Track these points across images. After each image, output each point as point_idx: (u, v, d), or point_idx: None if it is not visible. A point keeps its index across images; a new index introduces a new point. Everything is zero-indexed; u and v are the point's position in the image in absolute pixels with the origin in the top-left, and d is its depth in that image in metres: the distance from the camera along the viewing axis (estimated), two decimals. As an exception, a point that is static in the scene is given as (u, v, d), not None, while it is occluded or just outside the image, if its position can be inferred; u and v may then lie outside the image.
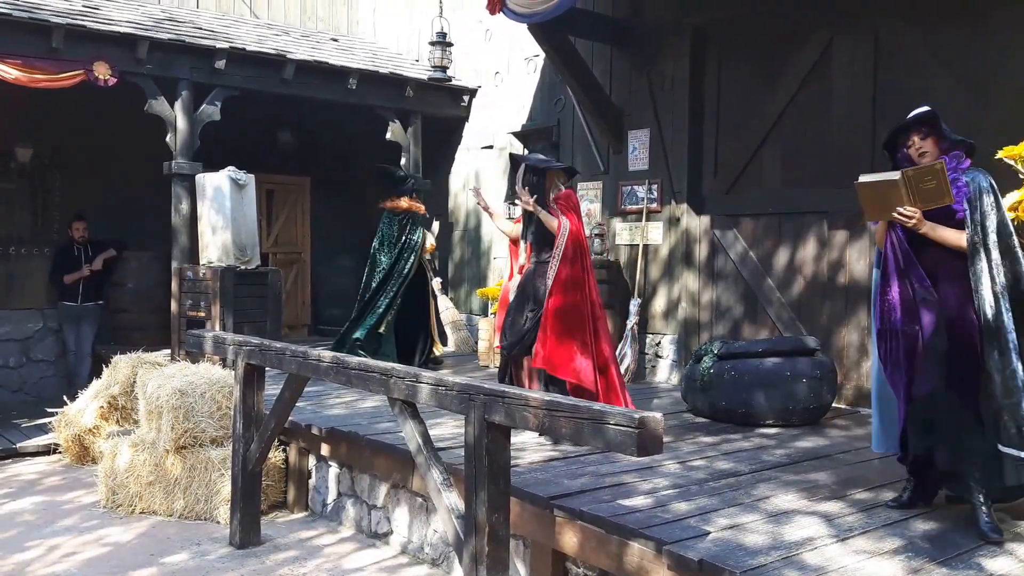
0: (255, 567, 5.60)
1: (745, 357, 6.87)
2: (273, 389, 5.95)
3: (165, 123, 9.32)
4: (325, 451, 6.58)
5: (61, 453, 8.10)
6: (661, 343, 9.06)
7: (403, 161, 11.11)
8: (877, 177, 4.35)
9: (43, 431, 8.53)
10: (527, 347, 6.24)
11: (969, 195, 4.31)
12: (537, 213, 6.21)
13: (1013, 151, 5.16)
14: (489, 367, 9.58)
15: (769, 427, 6.68)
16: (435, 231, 11.52)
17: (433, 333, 9.53)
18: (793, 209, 8.03)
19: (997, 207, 4.29)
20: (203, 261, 9.00)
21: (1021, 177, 5.16)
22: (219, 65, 9.45)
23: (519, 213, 6.72)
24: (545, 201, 6.32)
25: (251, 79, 9.83)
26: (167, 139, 9.34)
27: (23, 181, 10.65)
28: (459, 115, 11.65)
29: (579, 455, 5.62)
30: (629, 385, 7.26)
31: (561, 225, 6.19)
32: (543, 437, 5.91)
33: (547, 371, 6.07)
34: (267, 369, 5.90)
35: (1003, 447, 4.18)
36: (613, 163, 9.52)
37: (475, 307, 11.48)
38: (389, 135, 11.01)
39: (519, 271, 6.58)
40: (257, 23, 11.97)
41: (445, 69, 10.92)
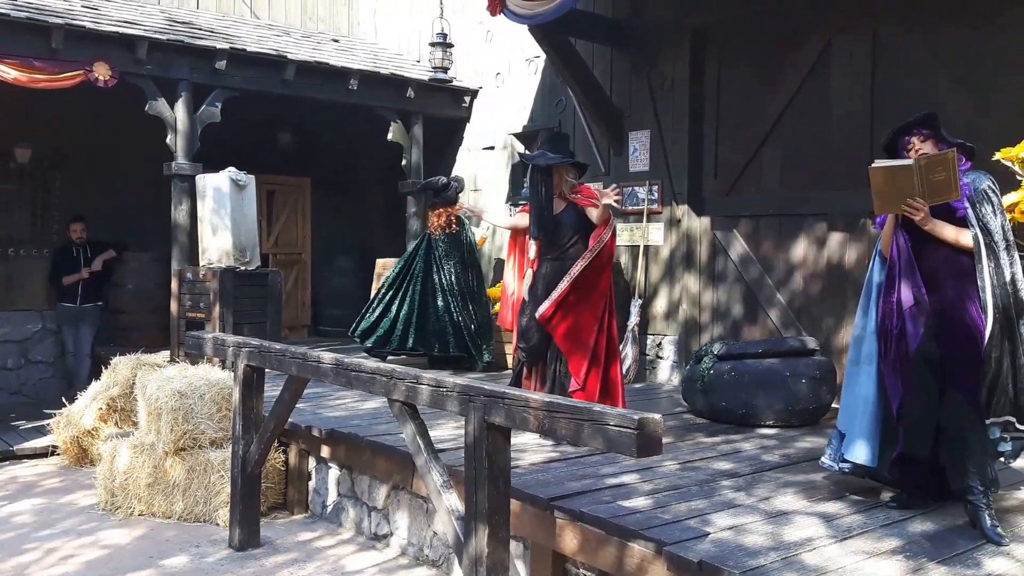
0: (254, 569, 5.59)
1: (745, 358, 6.88)
2: (273, 391, 5.94)
3: (165, 124, 9.31)
4: (325, 453, 6.57)
5: (60, 455, 8.09)
6: (662, 344, 9.05)
7: (404, 162, 11.10)
8: (890, 163, 4.38)
9: (42, 433, 8.50)
10: (545, 349, 6.25)
11: (970, 195, 4.32)
12: (597, 211, 6.13)
13: (1011, 153, 5.17)
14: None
15: (769, 428, 6.68)
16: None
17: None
18: (793, 210, 8.03)
19: (1000, 207, 4.30)
20: (203, 262, 8.98)
21: (1019, 178, 5.16)
22: (219, 66, 9.44)
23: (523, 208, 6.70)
24: (553, 196, 6.27)
25: (251, 80, 9.83)
26: (167, 140, 9.33)
27: (22, 182, 10.64)
28: (460, 116, 11.64)
29: (579, 456, 5.61)
30: (630, 386, 7.25)
31: (611, 219, 6.19)
32: (544, 438, 5.89)
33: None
34: (267, 370, 5.89)
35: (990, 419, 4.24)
36: (614, 164, 9.51)
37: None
38: (390, 136, 11.01)
39: (531, 265, 6.47)
40: (257, 24, 11.96)
41: (446, 70, 10.93)
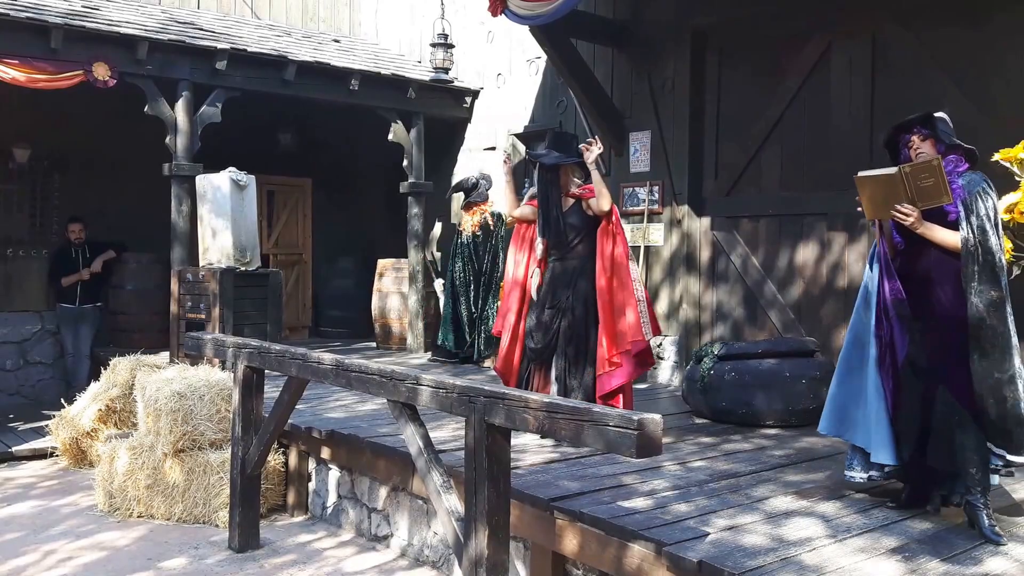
0: (254, 571, 5.57)
1: (745, 358, 6.87)
2: (273, 392, 5.92)
3: (165, 124, 9.29)
4: (325, 454, 6.56)
5: (58, 456, 8.06)
6: (663, 344, 9.03)
7: (405, 163, 11.09)
8: (876, 172, 4.38)
9: (40, 434, 8.47)
10: (554, 349, 6.24)
11: (964, 197, 4.30)
12: (592, 173, 6.14)
13: (1010, 153, 5.16)
14: (491, 367, 9.55)
15: (769, 428, 6.69)
16: (437, 233, 11.53)
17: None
18: (793, 211, 8.03)
19: (993, 210, 4.28)
20: (203, 263, 8.97)
21: (1017, 179, 5.15)
22: (220, 66, 9.43)
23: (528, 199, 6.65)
24: (561, 196, 6.27)
25: (252, 80, 9.81)
26: (167, 140, 9.31)
27: (21, 182, 10.63)
28: (461, 116, 11.63)
29: (579, 456, 5.60)
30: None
31: (614, 208, 6.21)
32: (544, 438, 5.88)
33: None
34: (267, 372, 5.87)
35: (1013, 456, 4.24)
36: (615, 165, 9.50)
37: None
38: (391, 136, 10.99)
39: (538, 265, 6.43)
40: (258, 24, 11.95)
41: (447, 71, 10.92)
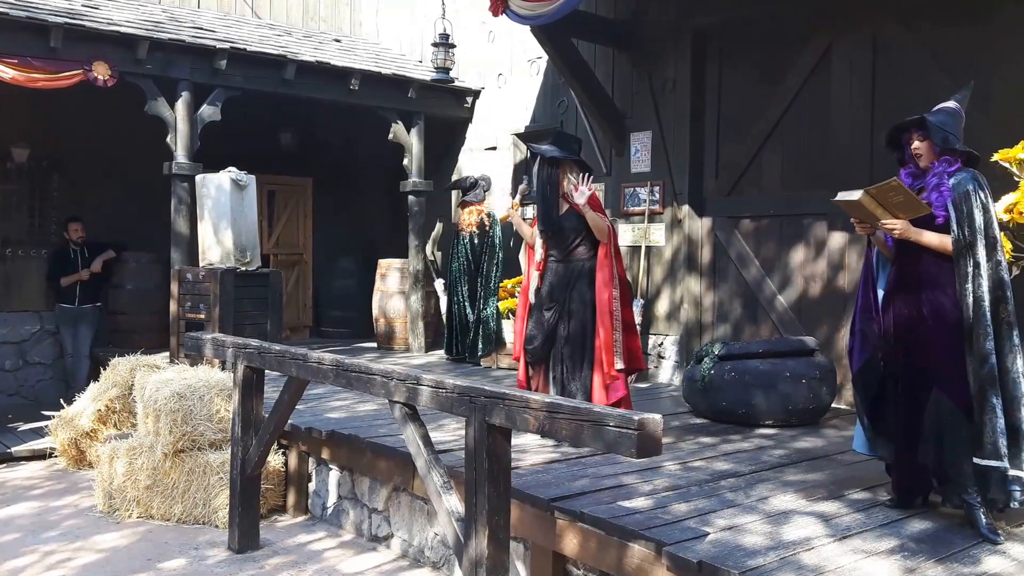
0: (253, 572, 5.56)
1: (745, 358, 6.87)
2: (273, 392, 5.91)
3: (165, 124, 9.28)
4: (325, 454, 6.55)
5: (57, 457, 8.04)
6: (664, 344, 9.03)
7: (405, 162, 11.08)
8: (847, 196, 4.41)
9: (40, 435, 8.46)
10: (549, 351, 6.23)
11: (954, 198, 4.30)
12: (585, 214, 6.12)
13: (1008, 154, 5.16)
14: (492, 368, 9.55)
15: (769, 427, 6.69)
16: (438, 233, 11.52)
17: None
18: (793, 211, 8.03)
19: (984, 208, 4.27)
20: (203, 263, 8.96)
21: (1016, 179, 5.14)
22: (220, 65, 9.42)
23: (531, 214, 6.63)
24: (560, 193, 6.27)
25: (252, 79, 9.80)
26: (167, 140, 9.30)
27: (21, 182, 10.59)
28: (462, 116, 11.63)
29: (580, 456, 5.59)
30: (632, 386, 7.21)
31: (611, 228, 6.22)
32: (545, 439, 5.87)
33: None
34: (267, 372, 5.85)
35: (976, 459, 4.20)
36: (616, 165, 9.51)
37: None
38: (392, 136, 10.98)
39: (537, 268, 6.41)
40: (259, 23, 11.95)
41: (448, 70, 10.90)
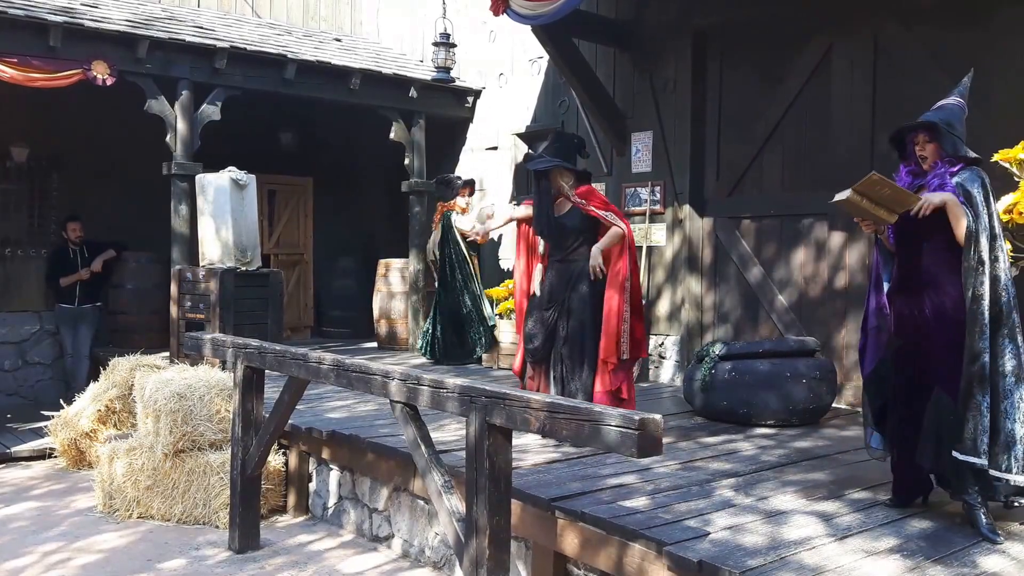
0: (254, 572, 5.56)
1: (746, 358, 6.86)
2: (273, 392, 5.90)
3: (165, 123, 9.28)
4: (326, 454, 6.54)
5: (57, 457, 8.03)
6: (664, 344, 9.02)
7: (406, 162, 11.08)
8: (839, 196, 4.45)
9: (39, 435, 8.43)
10: (552, 350, 6.21)
11: (960, 198, 4.29)
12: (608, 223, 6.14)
13: (1009, 154, 5.17)
14: (492, 368, 9.54)
15: (769, 427, 6.68)
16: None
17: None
18: (794, 211, 8.04)
19: (986, 206, 4.27)
20: (203, 262, 8.95)
21: (1016, 179, 5.14)
22: (220, 65, 9.42)
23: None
24: (555, 198, 6.24)
25: (252, 79, 9.80)
26: (167, 139, 9.30)
27: (20, 182, 10.57)
28: (463, 116, 11.62)
29: (581, 456, 5.59)
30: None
31: (625, 235, 6.16)
32: (545, 438, 5.86)
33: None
34: (267, 372, 5.85)
35: (956, 453, 4.21)
36: (617, 165, 9.50)
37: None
38: (392, 136, 10.98)
39: (540, 260, 6.39)
40: (259, 23, 11.94)
41: (449, 70, 10.90)
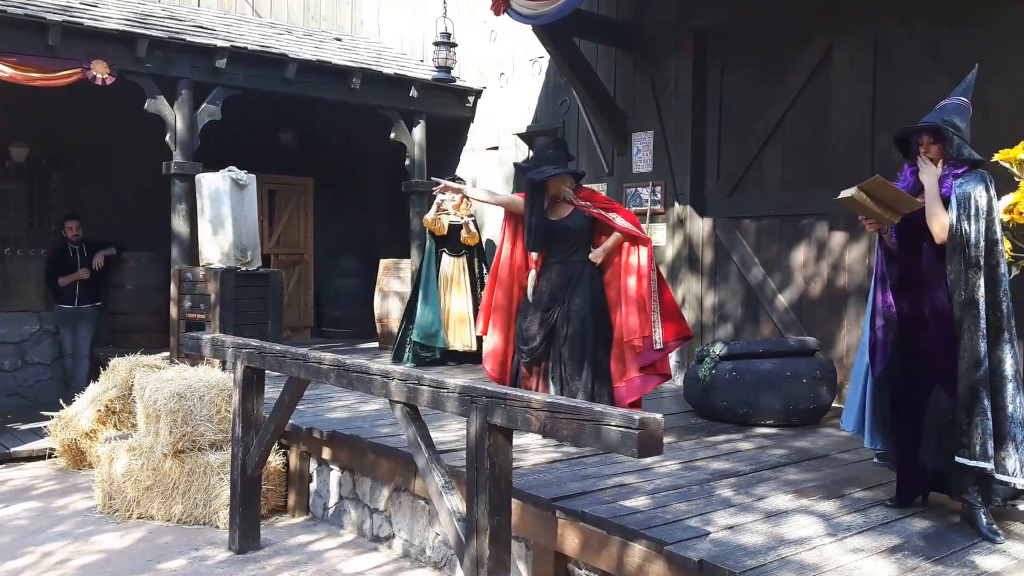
0: (254, 572, 5.55)
1: (746, 358, 6.86)
2: (273, 392, 5.90)
3: (165, 122, 9.26)
4: (326, 455, 6.54)
5: (57, 457, 8.02)
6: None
7: (407, 162, 11.08)
8: (844, 194, 4.47)
9: (39, 435, 8.42)
10: (549, 352, 6.20)
11: (958, 195, 4.29)
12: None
13: (1009, 154, 5.17)
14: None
15: (769, 427, 6.68)
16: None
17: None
18: (794, 211, 8.04)
19: (988, 210, 4.26)
20: (203, 262, 8.95)
21: (1016, 179, 5.14)
22: (220, 64, 9.40)
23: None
24: (551, 204, 6.22)
25: (253, 78, 9.78)
26: (167, 139, 9.29)
27: (19, 181, 10.56)
28: (464, 116, 11.61)
29: (581, 456, 5.59)
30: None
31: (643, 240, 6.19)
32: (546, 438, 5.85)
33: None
34: (267, 372, 5.84)
35: (960, 459, 4.21)
36: (617, 165, 9.50)
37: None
38: (393, 135, 10.98)
39: (534, 266, 6.33)
40: (259, 22, 11.93)
41: (449, 70, 10.90)
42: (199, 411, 6.59)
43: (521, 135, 10.84)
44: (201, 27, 10.07)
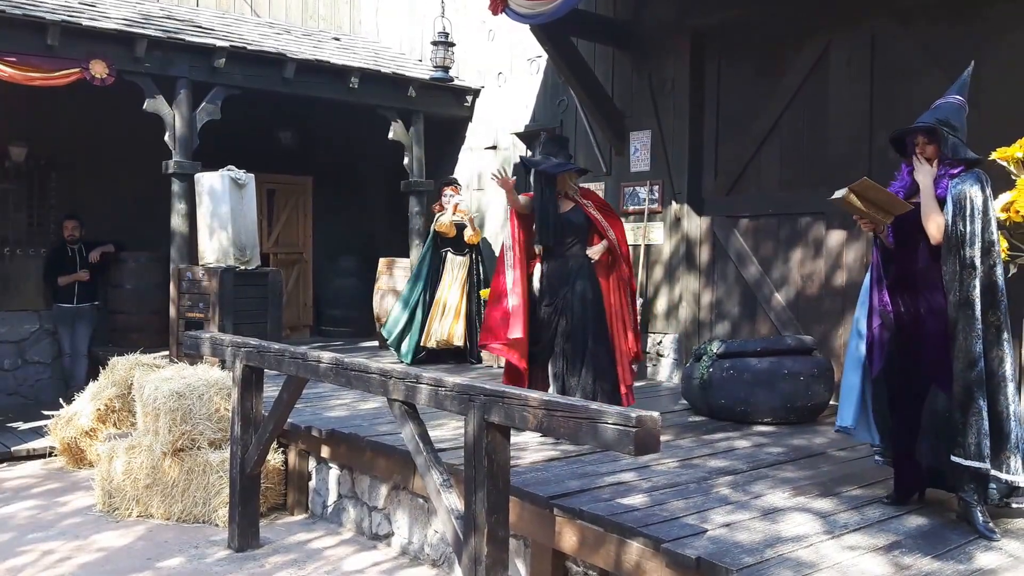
0: (254, 570, 5.56)
1: (743, 356, 6.87)
2: (272, 391, 5.91)
3: (164, 122, 9.28)
4: (325, 453, 6.55)
5: (57, 456, 8.03)
6: (663, 342, 9.04)
7: (406, 161, 11.09)
8: (836, 194, 4.48)
9: (39, 434, 8.44)
10: (551, 348, 6.26)
11: (955, 195, 4.30)
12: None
13: (1006, 152, 5.18)
14: (493, 367, 9.54)
15: (766, 425, 6.70)
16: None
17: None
18: (792, 210, 8.05)
19: (984, 210, 4.26)
20: (202, 262, 8.96)
21: (1013, 178, 5.15)
22: (219, 64, 9.42)
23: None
24: (558, 200, 6.30)
25: (251, 78, 9.80)
26: (166, 138, 9.30)
27: (18, 181, 10.56)
28: (462, 115, 11.63)
29: (579, 454, 5.60)
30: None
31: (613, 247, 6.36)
32: (544, 436, 5.87)
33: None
34: (266, 371, 5.85)
35: (956, 458, 4.22)
36: (615, 164, 9.51)
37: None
38: (392, 135, 10.98)
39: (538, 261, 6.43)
40: (258, 22, 11.94)
41: (448, 69, 10.91)
42: (198, 410, 6.60)
43: (519, 134, 10.85)
44: (200, 27, 10.08)
